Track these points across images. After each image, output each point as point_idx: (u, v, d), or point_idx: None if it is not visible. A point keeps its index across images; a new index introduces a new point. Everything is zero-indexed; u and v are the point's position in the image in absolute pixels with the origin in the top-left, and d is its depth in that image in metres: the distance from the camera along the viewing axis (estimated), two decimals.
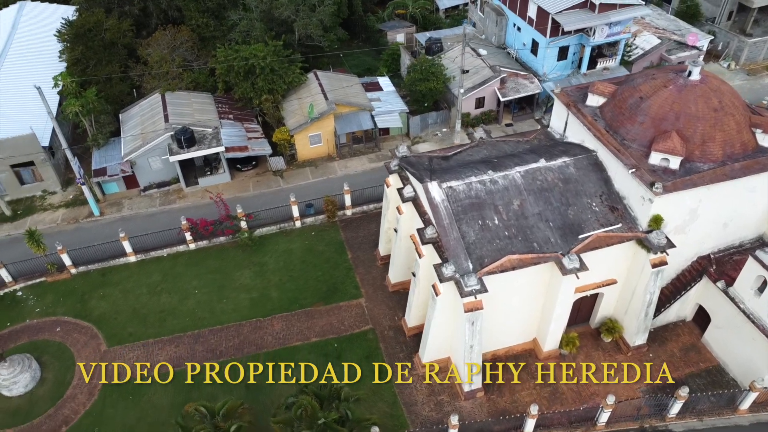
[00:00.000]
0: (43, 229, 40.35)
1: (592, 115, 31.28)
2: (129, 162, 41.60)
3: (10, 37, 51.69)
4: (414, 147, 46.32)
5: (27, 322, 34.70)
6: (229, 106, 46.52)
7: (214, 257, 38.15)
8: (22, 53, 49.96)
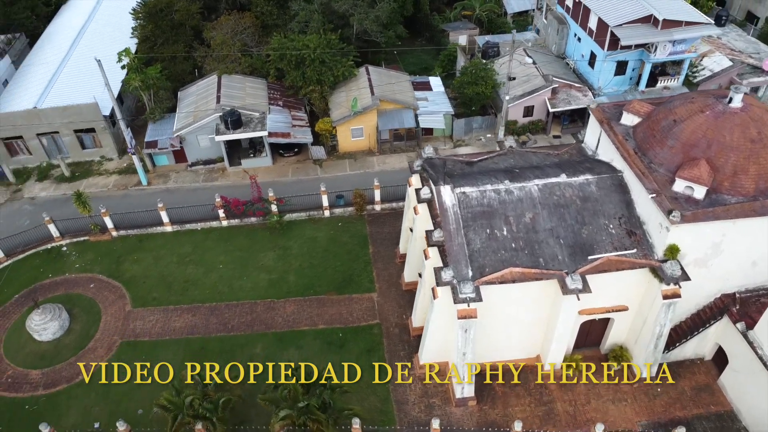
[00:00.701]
0: (96, 192, 43.47)
1: (624, 134, 30.18)
2: (179, 137, 43.95)
3: (94, 10, 55.57)
4: (454, 150, 46.23)
5: (66, 276, 37.57)
6: (280, 93, 48.06)
7: (243, 236, 39.75)
8: (102, 27, 53.64)
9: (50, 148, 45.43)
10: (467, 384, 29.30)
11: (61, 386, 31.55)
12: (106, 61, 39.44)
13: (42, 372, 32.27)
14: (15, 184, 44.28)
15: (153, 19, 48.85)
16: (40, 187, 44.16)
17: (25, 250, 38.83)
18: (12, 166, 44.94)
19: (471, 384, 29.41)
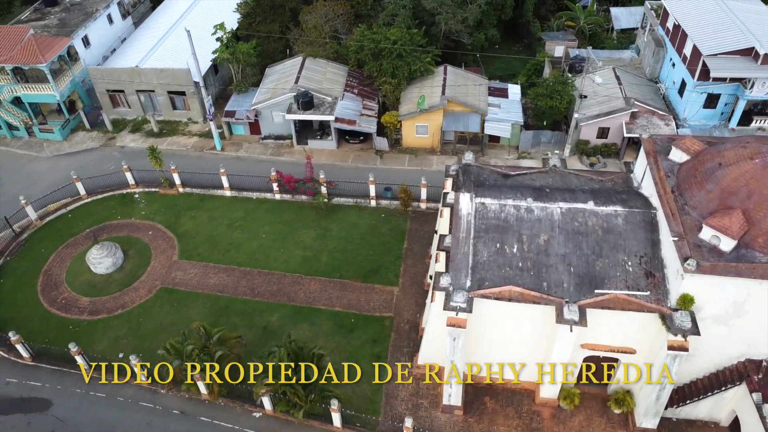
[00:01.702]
0: (176, 149, 47.63)
1: (668, 170, 28.40)
2: (255, 111, 46.86)
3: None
4: (517, 161, 45.37)
5: (131, 220, 41.75)
6: (358, 81, 49.57)
7: (290, 211, 41.89)
8: (213, 1, 57.85)
9: (146, 105, 50.24)
10: (455, 392, 29.35)
11: (101, 315, 35.49)
12: (205, 31, 42.89)
13: (90, 300, 36.41)
14: (111, 132, 49.56)
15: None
16: (131, 138, 49.07)
17: (104, 191, 43.56)
18: (112, 117, 50.30)
19: (459, 393, 29.42)
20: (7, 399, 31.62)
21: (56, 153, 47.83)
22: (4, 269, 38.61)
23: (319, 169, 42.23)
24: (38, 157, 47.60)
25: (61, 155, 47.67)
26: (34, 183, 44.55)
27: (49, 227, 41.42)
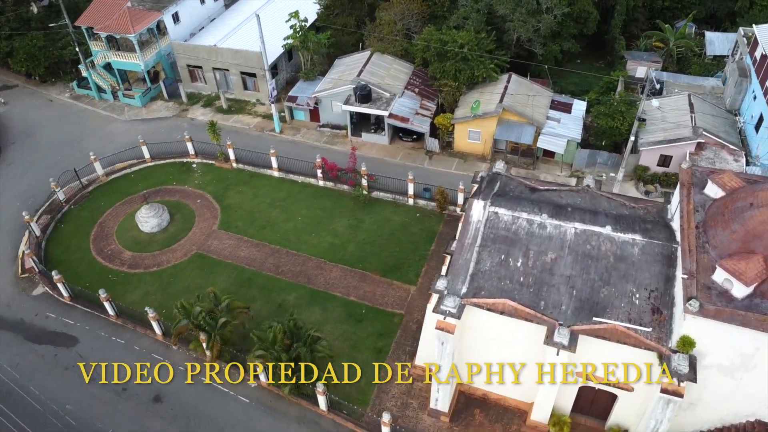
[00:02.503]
0: (239, 128, 50.16)
1: (700, 204, 26.62)
2: (315, 99, 48.37)
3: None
4: (568, 179, 43.84)
5: (184, 187, 44.52)
6: (421, 80, 49.80)
7: (329, 198, 42.96)
8: None
9: (220, 82, 53.21)
10: (442, 397, 29.11)
11: (138, 270, 38.24)
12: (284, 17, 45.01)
13: (132, 254, 39.31)
14: (185, 104, 52.94)
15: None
16: (201, 112, 52.17)
17: (167, 158, 46.73)
18: (189, 90, 53.73)
19: (446, 398, 29.14)
20: (44, 330, 34.94)
21: (134, 117, 51.84)
22: (67, 215, 42.54)
23: (368, 162, 43.16)
24: (117, 120, 51.82)
25: (138, 120, 51.61)
26: (109, 142, 48.53)
27: (112, 184, 45.10)
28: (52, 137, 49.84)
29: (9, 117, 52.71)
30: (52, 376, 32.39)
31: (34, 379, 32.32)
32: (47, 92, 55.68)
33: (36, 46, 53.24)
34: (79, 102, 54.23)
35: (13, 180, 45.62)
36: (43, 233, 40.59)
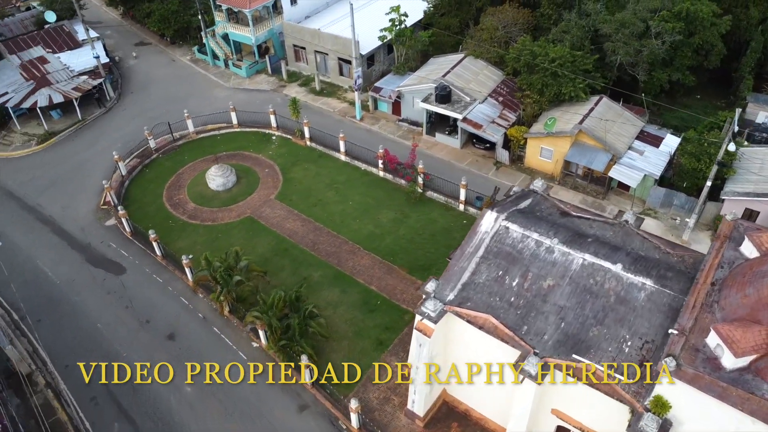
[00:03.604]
0: (325, 109, 52.40)
1: (729, 261, 23.87)
2: (398, 92, 49.16)
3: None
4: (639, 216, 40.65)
5: (259, 156, 47.52)
6: (507, 89, 48.65)
7: (383, 189, 43.64)
8: None
9: (320, 65, 55.76)
10: (418, 400, 28.81)
11: (195, 221, 41.67)
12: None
13: (194, 206, 42.88)
14: (284, 81, 56.21)
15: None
16: (296, 90, 55.07)
17: (252, 126, 50.09)
18: (291, 69, 56.90)
19: (422, 402, 28.79)
20: (102, 257, 39.37)
21: (236, 86, 56.04)
22: (153, 162, 47.28)
23: (434, 162, 43.67)
24: (222, 86, 56.32)
25: (239, 89, 55.72)
26: (209, 104, 52.90)
27: (199, 142, 49.29)
28: (164, 92, 55.45)
29: (136, 70, 59.43)
30: (95, 297, 36.52)
31: (80, 295, 36.67)
32: (172, 53, 61.94)
33: (170, 10, 59.43)
34: (196, 65, 59.70)
35: (121, 123, 51.50)
36: (129, 174, 45.53)
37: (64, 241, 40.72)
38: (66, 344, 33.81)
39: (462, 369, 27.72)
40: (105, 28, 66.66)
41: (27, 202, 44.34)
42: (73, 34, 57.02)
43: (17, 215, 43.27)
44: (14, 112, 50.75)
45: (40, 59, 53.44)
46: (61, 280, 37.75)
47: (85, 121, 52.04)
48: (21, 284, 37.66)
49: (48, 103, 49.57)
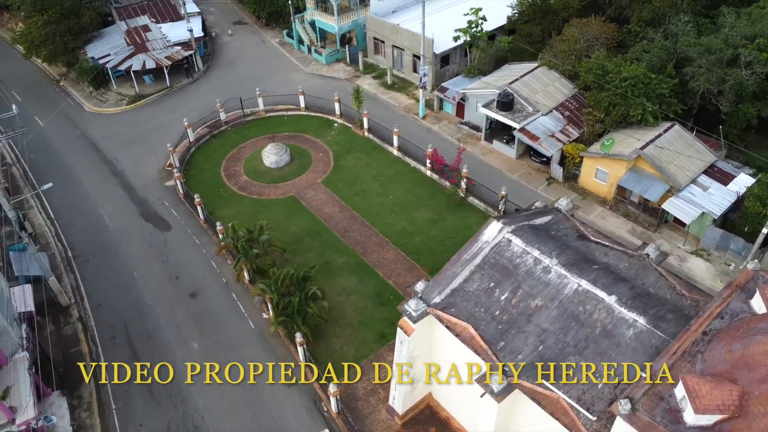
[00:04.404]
0: (391, 104, 53.14)
1: (732, 312, 21.92)
2: (462, 95, 48.75)
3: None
4: (689, 256, 37.92)
5: (318, 140, 49.07)
6: (576, 105, 46.70)
7: (427, 188, 43.62)
8: None
9: (396, 60, 56.42)
10: (398, 397, 28.86)
11: (243, 193, 43.96)
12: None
13: (246, 179, 45.23)
14: (360, 72, 57.43)
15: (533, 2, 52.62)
16: (369, 82, 56.12)
17: (317, 111, 51.79)
18: (369, 60, 58.00)
19: (401, 400, 28.82)
20: (155, 213, 42.66)
21: (314, 72, 58.04)
22: (221, 134, 50.31)
23: (485, 169, 43.65)
24: (301, 70, 58.58)
25: (316, 75, 57.68)
26: (285, 86, 55.17)
27: (266, 120, 51.75)
28: (247, 70, 58.61)
29: (229, 46, 63.23)
30: (139, 248, 39.74)
31: (128, 245, 40.04)
32: (264, 34, 65.23)
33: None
34: (282, 48, 62.47)
35: (202, 94, 55.11)
36: (197, 141, 48.77)
37: (126, 194, 44.53)
38: (103, 286, 37.14)
39: (441, 373, 27.49)
40: (210, 5, 71.41)
41: (106, 155, 48.88)
42: (177, 8, 61.65)
43: (96, 165, 47.82)
44: (113, 73, 55.85)
45: (143, 27, 58.36)
46: (115, 229, 41.38)
47: (172, 89, 56.30)
48: (82, 227, 41.77)
49: (141, 68, 54.12)
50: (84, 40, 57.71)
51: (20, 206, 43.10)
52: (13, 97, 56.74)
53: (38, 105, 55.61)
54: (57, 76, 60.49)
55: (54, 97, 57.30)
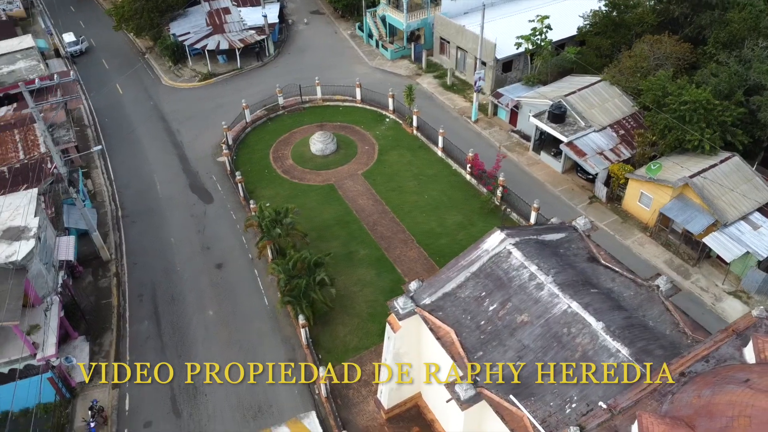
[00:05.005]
0: (446, 104, 53.23)
1: (720, 358, 20.71)
2: (517, 103, 47.97)
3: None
4: (726, 296, 35.67)
5: (367, 133, 49.97)
6: (635, 124, 44.73)
7: (463, 192, 43.40)
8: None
9: (459, 61, 56.24)
10: (385, 392, 29.29)
11: (285, 176, 45.67)
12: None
13: (291, 163, 46.90)
14: (422, 70, 57.72)
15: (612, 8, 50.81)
16: (429, 81, 56.29)
17: (371, 105, 52.68)
18: (433, 60, 58.16)
19: (387, 395, 29.23)
20: (201, 185, 45.32)
21: (377, 66, 58.92)
22: (277, 118, 52.33)
23: (527, 179, 43.68)
24: (365, 63, 59.64)
25: (379, 69, 58.55)
26: (347, 77, 56.29)
27: (322, 108, 53.25)
28: (315, 59, 60.40)
29: (302, 34, 65.42)
30: (181, 216, 42.46)
31: (172, 212, 42.88)
32: (338, 26, 66.83)
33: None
34: (352, 40, 63.80)
35: (268, 78, 57.39)
36: (253, 122, 51.00)
37: (181, 165, 47.45)
38: (142, 247, 39.98)
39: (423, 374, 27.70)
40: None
41: (171, 126, 52.21)
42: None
43: (159, 135, 51.23)
44: (190, 51, 59.31)
45: (224, 9, 61.47)
46: (163, 195, 44.29)
47: (242, 70, 59.09)
48: (135, 190, 45.05)
49: (215, 48, 57.13)
50: (169, 18, 61.66)
51: (86, 165, 47.06)
52: (102, 65, 61.66)
53: (122, 74, 60.07)
54: (144, 48, 65.01)
55: (137, 68, 61.65)
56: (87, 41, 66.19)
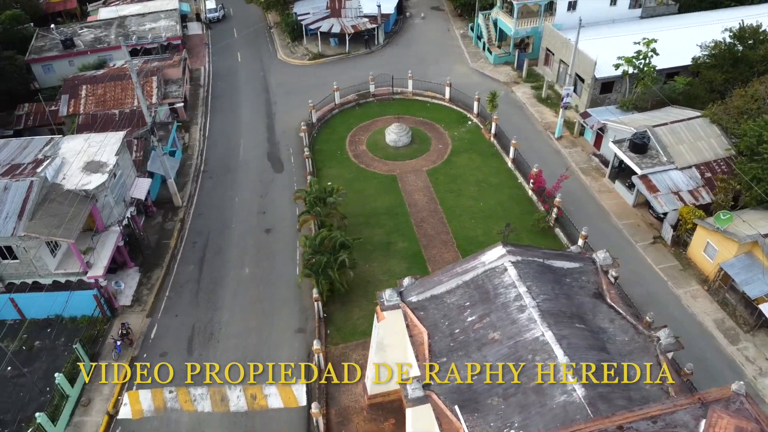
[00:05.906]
0: (534, 116, 52.25)
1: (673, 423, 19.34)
2: (602, 126, 45.75)
3: None
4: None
5: (445, 132, 50.48)
6: (727, 168, 40.85)
7: (521, 206, 42.54)
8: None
9: (561, 74, 54.36)
10: (369, 378, 30.24)
11: (355, 160, 47.75)
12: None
13: (363, 149, 48.83)
14: (521, 79, 56.70)
15: (737, 41, 46.63)
16: (524, 91, 55.16)
17: (458, 105, 52.97)
18: (536, 69, 56.92)
19: (370, 383, 30.16)
20: (277, 156, 48.57)
21: (478, 68, 58.73)
22: (366, 104, 54.33)
23: (592, 206, 42.53)
24: (467, 64, 59.70)
25: (478, 72, 58.34)
26: (445, 75, 56.40)
27: (410, 102, 54.64)
28: (419, 53, 61.55)
29: (415, 28, 67.13)
30: (251, 180, 46.24)
31: (245, 174, 46.72)
32: (453, 24, 67.44)
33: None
34: (461, 40, 63.98)
35: (371, 66, 59.25)
36: (341, 105, 53.43)
37: (266, 134, 51.18)
38: (209, 201, 44.12)
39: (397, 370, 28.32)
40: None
41: (270, 98, 56.26)
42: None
43: (258, 104, 55.45)
44: (308, 31, 63.03)
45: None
46: (242, 159, 48.24)
47: (349, 54, 61.77)
48: (221, 149, 49.49)
49: (327, 31, 60.23)
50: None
51: (190, 120, 52.32)
52: (232, 33, 67.45)
53: (246, 43, 65.44)
54: (272, 23, 70.06)
55: (261, 40, 66.72)
56: (225, 9, 72.68)
